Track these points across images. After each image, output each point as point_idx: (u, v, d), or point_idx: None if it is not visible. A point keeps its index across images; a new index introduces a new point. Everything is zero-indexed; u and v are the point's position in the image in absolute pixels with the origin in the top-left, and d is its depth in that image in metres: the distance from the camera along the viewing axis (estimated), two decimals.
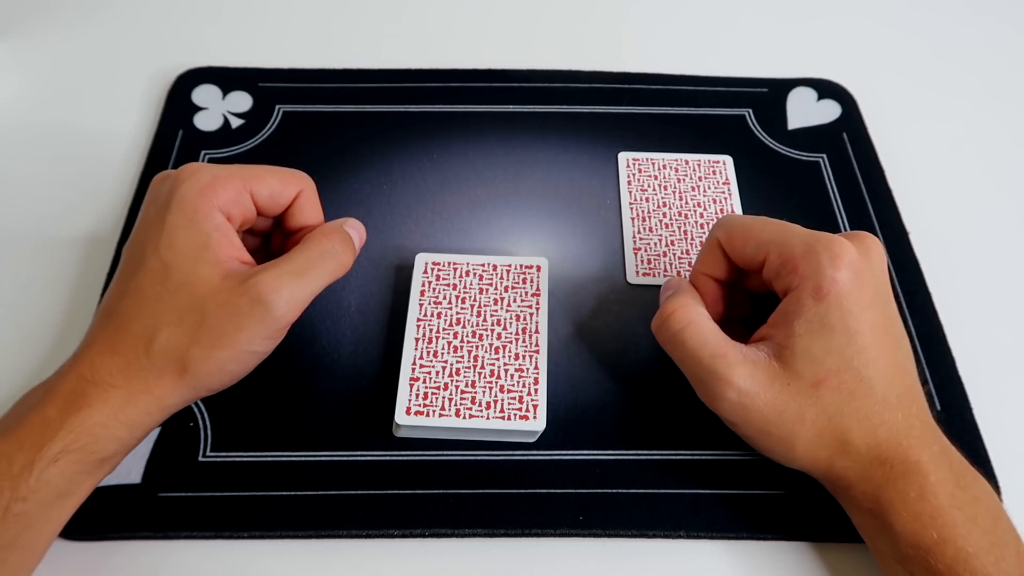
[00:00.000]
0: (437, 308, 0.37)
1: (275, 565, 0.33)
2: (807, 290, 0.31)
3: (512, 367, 0.36)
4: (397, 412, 0.34)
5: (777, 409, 0.31)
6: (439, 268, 0.38)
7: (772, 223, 0.34)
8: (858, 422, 0.31)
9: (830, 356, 0.31)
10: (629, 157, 0.46)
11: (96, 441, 0.29)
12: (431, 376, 0.35)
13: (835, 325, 0.31)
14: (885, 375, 0.31)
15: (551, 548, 0.34)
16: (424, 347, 0.36)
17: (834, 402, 0.31)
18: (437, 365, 0.36)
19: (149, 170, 0.45)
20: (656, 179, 0.45)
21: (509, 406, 0.35)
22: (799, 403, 0.31)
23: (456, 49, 0.52)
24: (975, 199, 0.47)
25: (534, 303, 0.38)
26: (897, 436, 0.31)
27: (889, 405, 0.31)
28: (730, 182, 0.45)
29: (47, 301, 0.40)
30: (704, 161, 0.46)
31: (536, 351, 0.36)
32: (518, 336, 0.37)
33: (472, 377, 0.36)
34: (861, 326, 0.31)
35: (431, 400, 0.35)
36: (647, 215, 0.44)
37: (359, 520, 0.34)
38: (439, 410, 0.35)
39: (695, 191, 0.45)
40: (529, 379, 0.36)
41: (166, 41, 0.52)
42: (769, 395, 0.31)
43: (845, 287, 0.31)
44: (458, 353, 0.36)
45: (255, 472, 0.35)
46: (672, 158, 0.46)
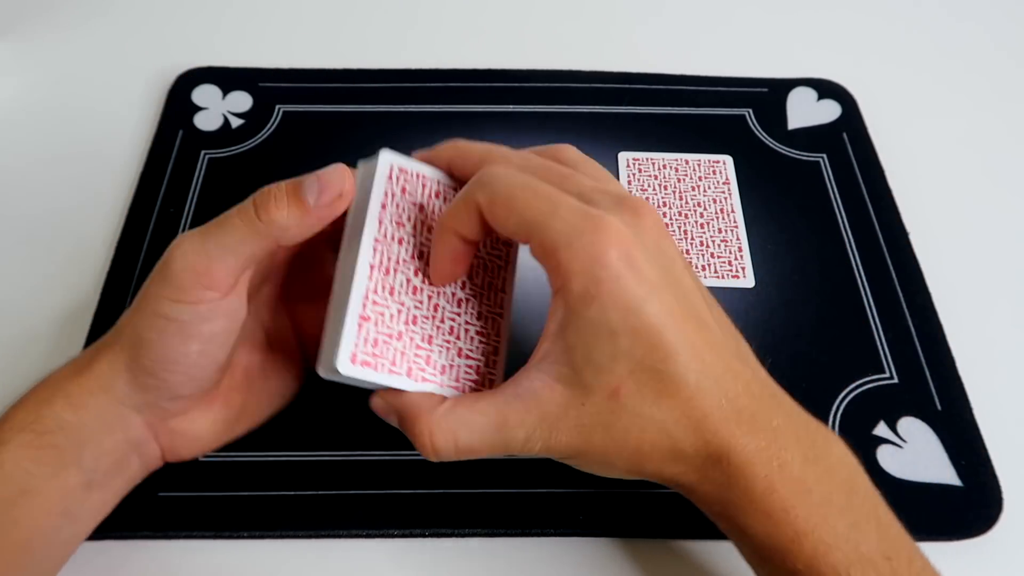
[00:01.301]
0: (399, 231, 0.29)
1: (275, 565, 0.33)
2: (575, 293, 0.26)
3: (473, 328, 0.30)
4: (339, 356, 0.27)
5: (581, 435, 0.27)
6: (406, 178, 0.30)
7: (541, 192, 0.27)
8: (675, 422, 0.27)
9: (618, 361, 0.26)
10: (629, 157, 0.46)
11: (39, 419, 0.28)
12: (383, 319, 0.28)
13: (615, 327, 0.26)
14: (693, 362, 0.26)
15: (551, 548, 0.34)
16: (380, 278, 0.28)
17: (639, 408, 0.27)
18: (392, 306, 0.28)
19: (149, 170, 0.45)
20: (656, 179, 0.45)
21: (465, 376, 0.29)
22: (603, 419, 0.27)
23: (456, 49, 0.52)
24: (975, 199, 0.47)
25: (504, 254, 0.32)
26: (725, 426, 0.27)
27: (707, 393, 0.27)
28: (730, 182, 0.45)
29: (46, 301, 0.40)
30: (704, 161, 0.46)
31: (499, 313, 0.31)
32: (483, 291, 0.31)
33: (430, 331, 0.29)
34: (650, 320, 0.26)
35: (381, 350, 0.28)
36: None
37: (359, 520, 0.34)
38: (389, 364, 0.28)
39: (695, 191, 0.45)
40: (490, 347, 0.30)
41: (166, 41, 0.52)
42: (567, 424, 0.27)
43: (618, 280, 0.26)
44: (418, 295, 0.29)
45: (255, 472, 0.35)
46: (672, 158, 0.46)
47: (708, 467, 0.27)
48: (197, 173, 0.45)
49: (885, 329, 0.40)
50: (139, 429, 0.30)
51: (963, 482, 0.35)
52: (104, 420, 0.29)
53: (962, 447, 0.36)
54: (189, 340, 0.29)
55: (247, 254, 0.28)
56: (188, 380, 0.30)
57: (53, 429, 0.29)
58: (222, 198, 0.44)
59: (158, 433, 0.31)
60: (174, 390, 0.30)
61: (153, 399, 0.30)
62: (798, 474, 0.27)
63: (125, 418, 0.30)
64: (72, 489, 0.29)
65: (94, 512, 0.31)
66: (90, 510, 0.30)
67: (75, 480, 0.29)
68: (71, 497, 0.29)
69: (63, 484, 0.29)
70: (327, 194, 0.28)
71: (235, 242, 0.28)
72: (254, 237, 0.28)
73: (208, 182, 0.45)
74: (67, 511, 0.29)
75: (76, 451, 0.29)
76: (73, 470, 0.29)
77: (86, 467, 0.29)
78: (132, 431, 0.30)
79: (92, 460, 0.29)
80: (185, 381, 0.30)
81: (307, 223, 0.28)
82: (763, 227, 0.44)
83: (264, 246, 0.28)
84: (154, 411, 0.30)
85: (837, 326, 0.40)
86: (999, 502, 0.35)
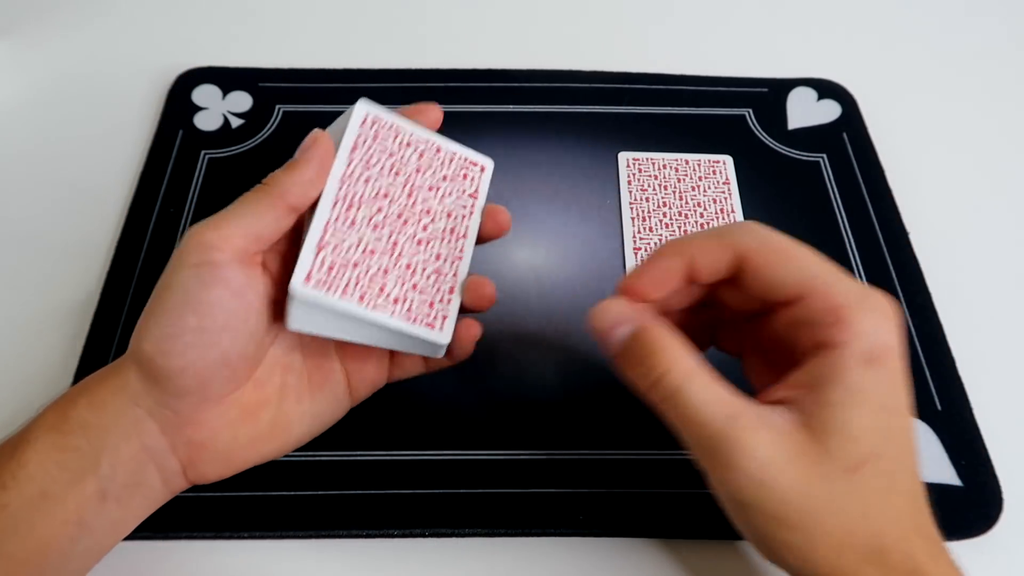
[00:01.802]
0: (366, 172, 0.32)
1: (275, 565, 0.33)
2: (854, 353, 0.25)
3: (431, 267, 0.31)
4: (294, 278, 0.29)
5: (801, 491, 0.25)
6: (379, 126, 0.33)
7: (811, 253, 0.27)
8: (896, 523, 0.25)
9: (873, 436, 0.25)
10: (629, 157, 0.46)
11: (65, 420, 0.29)
12: (341, 247, 0.30)
13: (883, 400, 0.25)
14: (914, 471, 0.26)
15: (551, 548, 0.34)
16: (342, 212, 0.31)
17: (872, 494, 0.25)
18: (352, 237, 0.30)
19: (149, 170, 0.45)
20: (656, 179, 0.45)
21: (418, 309, 0.31)
22: (829, 490, 0.25)
23: (456, 49, 0.52)
24: (975, 199, 0.47)
25: (469, 205, 0.33)
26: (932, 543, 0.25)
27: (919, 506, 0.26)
28: (730, 182, 0.45)
29: (46, 301, 0.40)
30: (704, 161, 0.46)
31: (459, 257, 0.32)
32: (444, 236, 0.32)
33: (386, 264, 0.31)
34: (905, 405, 0.26)
35: (336, 275, 0.29)
36: (647, 215, 0.44)
37: (359, 520, 0.34)
38: (342, 288, 0.29)
39: (695, 191, 0.45)
40: (445, 286, 0.31)
41: (166, 41, 0.52)
42: (794, 471, 0.25)
43: (896, 356, 0.25)
44: (377, 231, 0.31)
45: (255, 472, 0.35)
46: (672, 158, 0.46)
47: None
48: (197, 173, 0.45)
49: None
50: (155, 437, 0.30)
51: (963, 482, 0.35)
52: (122, 423, 0.29)
53: (962, 447, 0.36)
54: (187, 310, 0.28)
55: (252, 214, 0.29)
56: (191, 365, 0.29)
57: (76, 430, 0.29)
58: (222, 198, 0.44)
59: (176, 444, 0.30)
60: (178, 381, 0.29)
61: (161, 395, 0.29)
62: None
63: (140, 422, 0.29)
64: (88, 498, 0.29)
65: (110, 528, 0.30)
66: (106, 524, 0.29)
67: (91, 488, 0.29)
68: (86, 506, 0.29)
69: (80, 492, 0.28)
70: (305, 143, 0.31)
71: (242, 209, 0.29)
72: (258, 200, 0.29)
73: (208, 182, 0.45)
74: (82, 521, 0.29)
75: (95, 456, 0.29)
76: (90, 477, 0.29)
77: (102, 475, 0.29)
78: (148, 438, 0.30)
79: (108, 468, 0.29)
80: (188, 366, 0.29)
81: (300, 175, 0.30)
82: None
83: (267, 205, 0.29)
84: (166, 415, 0.30)
85: None
86: (999, 502, 0.35)
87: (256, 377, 0.31)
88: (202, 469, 0.31)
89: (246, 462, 0.32)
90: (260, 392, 0.31)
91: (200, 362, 0.29)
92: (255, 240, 0.29)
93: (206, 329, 0.29)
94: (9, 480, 0.27)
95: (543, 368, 0.38)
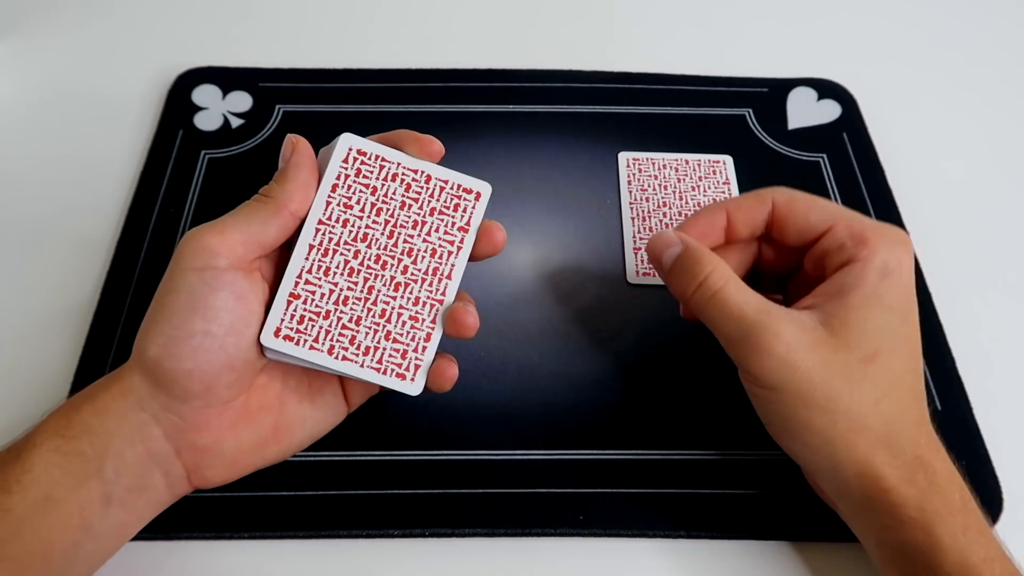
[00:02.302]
0: (346, 213, 0.31)
1: (275, 565, 0.33)
2: (873, 265, 0.30)
3: (407, 313, 0.31)
4: (264, 330, 0.30)
5: (823, 373, 0.29)
6: (364, 161, 0.32)
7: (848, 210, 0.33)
8: (902, 413, 0.29)
9: (884, 334, 0.30)
10: (629, 157, 0.46)
11: (68, 425, 0.29)
12: (314, 297, 0.30)
13: (894, 305, 0.30)
14: (919, 372, 0.30)
15: (551, 548, 0.34)
16: (317, 259, 0.30)
17: (882, 384, 0.29)
18: (325, 286, 0.30)
19: (149, 170, 0.45)
20: (656, 179, 0.45)
21: (389, 359, 0.30)
22: (846, 376, 0.29)
23: (456, 49, 0.52)
24: (975, 199, 0.47)
25: (458, 239, 0.32)
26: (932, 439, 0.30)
27: (921, 403, 0.30)
28: (730, 182, 0.45)
29: (47, 301, 0.40)
30: (704, 161, 0.46)
31: (440, 301, 0.31)
32: (426, 276, 0.31)
33: (359, 312, 0.30)
34: (913, 314, 0.30)
35: (306, 327, 0.30)
36: (647, 215, 0.44)
37: (359, 520, 0.34)
38: (311, 340, 0.30)
39: (695, 191, 0.45)
40: (421, 333, 0.31)
41: (166, 41, 0.52)
42: (815, 357, 0.29)
43: (907, 272, 0.31)
44: (352, 277, 0.31)
45: (255, 473, 0.35)
46: (672, 158, 0.46)
47: (916, 469, 0.29)
48: (197, 173, 0.45)
49: None
50: (160, 442, 0.30)
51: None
52: (126, 427, 0.29)
53: (962, 447, 0.36)
54: (194, 314, 0.29)
55: (254, 222, 0.30)
56: (196, 369, 0.29)
57: (79, 434, 0.29)
58: (222, 198, 0.44)
59: (180, 449, 0.30)
60: (184, 384, 0.29)
61: (166, 399, 0.29)
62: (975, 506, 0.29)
63: (145, 427, 0.29)
64: (91, 501, 0.29)
65: (114, 531, 0.30)
66: (110, 528, 0.30)
67: (95, 492, 0.29)
68: (90, 510, 0.29)
69: (83, 496, 0.29)
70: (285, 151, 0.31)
71: (245, 216, 0.30)
72: (259, 207, 0.30)
73: (208, 182, 0.45)
74: (86, 525, 0.29)
75: (99, 461, 0.29)
76: (94, 481, 0.29)
77: (107, 479, 0.29)
78: (153, 443, 0.30)
79: (113, 472, 0.29)
80: (194, 370, 0.29)
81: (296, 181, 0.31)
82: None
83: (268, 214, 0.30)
84: (171, 419, 0.30)
85: None
86: (999, 502, 0.35)
87: (257, 383, 0.32)
88: (206, 473, 0.31)
89: (249, 466, 0.32)
90: (262, 397, 0.32)
91: (206, 365, 0.29)
92: (257, 247, 0.30)
93: (212, 332, 0.29)
94: (14, 484, 0.28)
95: (543, 368, 0.38)
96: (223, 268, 0.29)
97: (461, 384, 0.38)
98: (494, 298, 0.41)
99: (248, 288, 0.30)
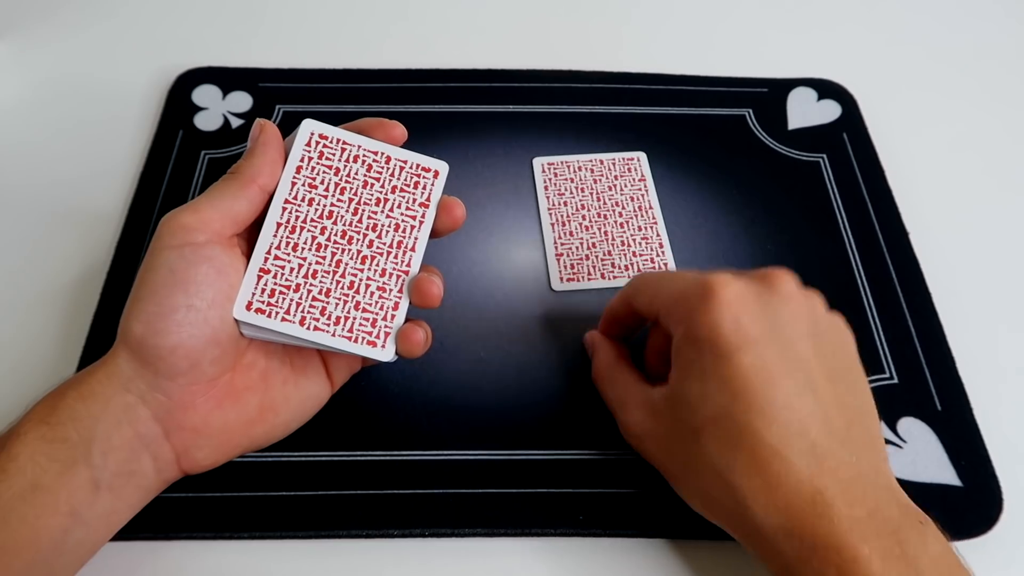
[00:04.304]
0: (311, 193, 0.32)
1: (275, 565, 0.33)
2: (679, 335, 0.30)
3: (375, 284, 0.32)
4: (236, 304, 0.31)
5: (665, 451, 0.31)
6: (325, 144, 0.33)
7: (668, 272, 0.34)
8: (749, 479, 0.27)
9: (706, 403, 0.29)
10: (543, 162, 0.46)
11: (53, 411, 0.29)
12: (283, 272, 0.31)
13: (707, 369, 0.29)
14: (781, 426, 0.27)
15: (551, 548, 0.34)
16: (285, 236, 0.32)
17: (719, 453, 0.28)
18: (294, 260, 0.32)
19: (149, 170, 0.45)
20: (572, 182, 0.45)
21: (360, 327, 0.32)
22: (685, 450, 0.30)
23: (457, 49, 0.52)
24: (975, 199, 0.47)
25: (419, 214, 0.33)
26: (798, 501, 0.26)
27: (788, 463, 0.27)
28: (645, 179, 0.45)
29: (47, 301, 0.40)
30: (619, 159, 0.46)
31: (406, 271, 0.32)
32: (391, 249, 0.33)
33: (328, 284, 0.32)
34: (740, 371, 0.28)
35: (277, 300, 0.31)
36: (567, 219, 0.44)
37: (359, 520, 0.34)
38: (283, 313, 0.31)
39: (612, 190, 0.45)
40: (389, 302, 0.32)
41: (166, 41, 0.52)
42: (658, 437, 0.32)
43: (716, 330, 0.28)
44: (320, 252, 0.32)
45: (255, 472, 0.35)
46: (587, 159, 0.46)
47: (780, 539, 0.27)
48: (197, 173, 0.45)
49: (885, 329, 0.40)
50: (148, 424, 0.30)
51: (963, 482, 0.36)
52: (112, 411, 0.29)
53: (962, 447, 0.37)
54: (175, 289, 0.29)
55: (226, 197, 0.31)
56: (181, 344, 0.29)
57: (65, 421, 0.29)
58: None
59: (168, 429, 0.30)
60: (169, 360, 0.29)
61: (152, 378, 0.29)
62: (876, 570, 0.25)
63: (132, 409, 0.30)
64: (79, 487, 0.29)
65: (104, 519, 0.30)
66: (99, 514, 0.30)
67: (83, 477, 0.29)
68: (78, 496, 0.29)
69: (71, 482, 0.29)
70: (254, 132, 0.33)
71: (217, 193, 0.31)
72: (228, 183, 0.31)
73: (208, 182, 0.44)
74: (74, 511, 0.29)
75: (85, 446, 0.29)
76: (81, 467, 0.29)
77: (94, 464, 0.29)
78: (140, 425, 0.30)
79: (100, 456, 0.29)
80: (178, 345, 0.29)
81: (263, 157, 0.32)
82: (763, 227, 0.44)
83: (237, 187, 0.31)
84: (159, 399, 0.30)
85: None
86: (999, 502, 0.35)
87: (242, 363, 0.32)
88: (195, 455, 0.31)
89: (237, 446, 0.32)
90: (247, 376, 0.32)
91: (191, 340, 0.29)
92: (232, 222, 0.31)
93: (195, 307, 0.29)
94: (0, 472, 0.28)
95: (544, 368, 0.38)
96: (202, 243, 0.30)
97: (461, 384, 0.38)
98: (494, 298, 0.41)
99: (227, 262, 0.30)
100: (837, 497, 0.26)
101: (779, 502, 0.26)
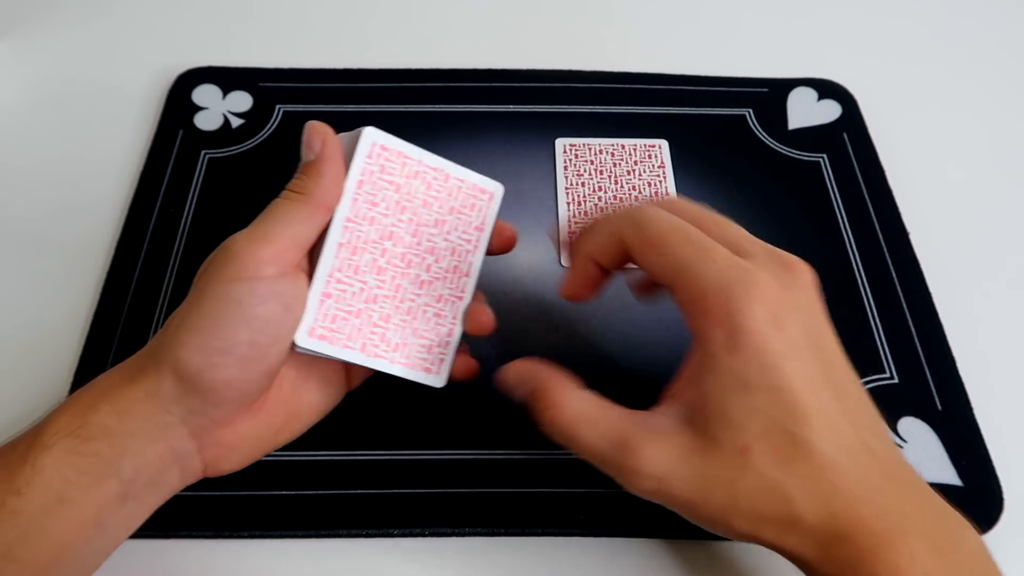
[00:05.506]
0: (372, 211, 0.31)
1: (275, 565, 0.33)
2: (718, 341, 0.26)
3: (432, 310, 0.32)
4: (299, 331, 0.29)
5: (700, 487, 0.26)
6: (386, 157, 0.31)
7: (693, 237, 0.28)
8: (803, 492, 0.26)
9: (754, 419, 0.26)
10: (566, 143, 0.46)
11: (84, 425, 0.28)
12: (345, 296, 0.30)
13: (755, 382, 0.26)
14: (829, 432, 0.26)
15: (551, 548, 0.34)
16: (347, 258, 0.30)
17: (769, 471, 0.26)
18: (355, 284, 0.30)
19: (149, 170, 0.45)
20: (592, 164, 0.45)
21: (417, 354, 0.31)
22: (727, 474, 0.26)
23: (456, 49, 0.52)
24: (975, 199, 0.47)
25: (475, 238, 0.33)
26: (855, 505, 0.25)
27: (839, 467, 0.26)
28: (665, 165, 0.45)
29: (45, 301, 0.40)
30: (640, 145, 0.46)
31: (460, 297, 0.32)
32: (447, 275, 0.32)
33: (388, 310, 0.31)
34: (788, 380, 0.26)
35: (339, 326, 0.30)
36: (583, 200, 0.44)
37: (359, 520, 0.34)
38: (345, 339, 0.30)
39: (631, 175, 0.45)
40: (444, 329, 0.32)
41: (166, 41, 0.52)
42: (688, 472, 0.26)
43: (763, 335, 0.26)
44: (381, 276, 0.31)
45: (255, 472, 0.35)
46: (609, 143, 0.46)
47: (831, 544, 0.25)
48: (197, 173, 0.45)
49: (885, 329, 0.40)
50: (184, 440, 0.29)
51: (963, 482, 0.36)
52: (148, 428, 0.28)
53: (962, 447, 0.37)
54: (241, 325, 0.28)
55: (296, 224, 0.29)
56: (236, 378, 0.28)
57: (97, 436, 0.28)
58: (222, 198, 0.44)
59: (203, 445, 0.30)
60: (222, 392, 0.28)
61: (199, 404, 0.29)
62: (926, 564, 0.25)
63: (170, 427, 0.29)
64: (108, 500, 0.28)
65: (125, 524, 0.30)
66: (122, 522, 0.29)
67: (112, 491, 0.28)
68: (106, 509, 0.28)
69: (100, 495, 0.28)
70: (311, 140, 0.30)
71: (286, 218, 0.29)
72: (298, 206, 0.29)
73: (208, 182, 0.45)
74: (100, 523, 0.28)
75: (117, 460, 0.28)
76: (112, 481, 0.28)
77: (124, 478, 0.28)
78: (177, 441, 0.29)
79: (131, 471, 0.28)
80: (233, 379, 0.28)
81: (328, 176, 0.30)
82: (763, 227, 0.43)
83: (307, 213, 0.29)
84: (200, 420, 0.29)
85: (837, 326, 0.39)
86: (999, 502, 0.35)
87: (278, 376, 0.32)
88: (222, 464, 0.31)
89: (262, 452, 0.32)
90: (279, 390, 0.32)
91: (248, 374, 0.29)
92: (302, 250, 0.30)
93: (258, 343, 0.28)
94: (24, 486, 0.27)
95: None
96: (273, 277, 0.28)
97: (461, 383, 0.38)
98: (494, 298, 0.40)
99: (294, 296, 0.29)
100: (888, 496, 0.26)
101: (835, 509, 0.25)
